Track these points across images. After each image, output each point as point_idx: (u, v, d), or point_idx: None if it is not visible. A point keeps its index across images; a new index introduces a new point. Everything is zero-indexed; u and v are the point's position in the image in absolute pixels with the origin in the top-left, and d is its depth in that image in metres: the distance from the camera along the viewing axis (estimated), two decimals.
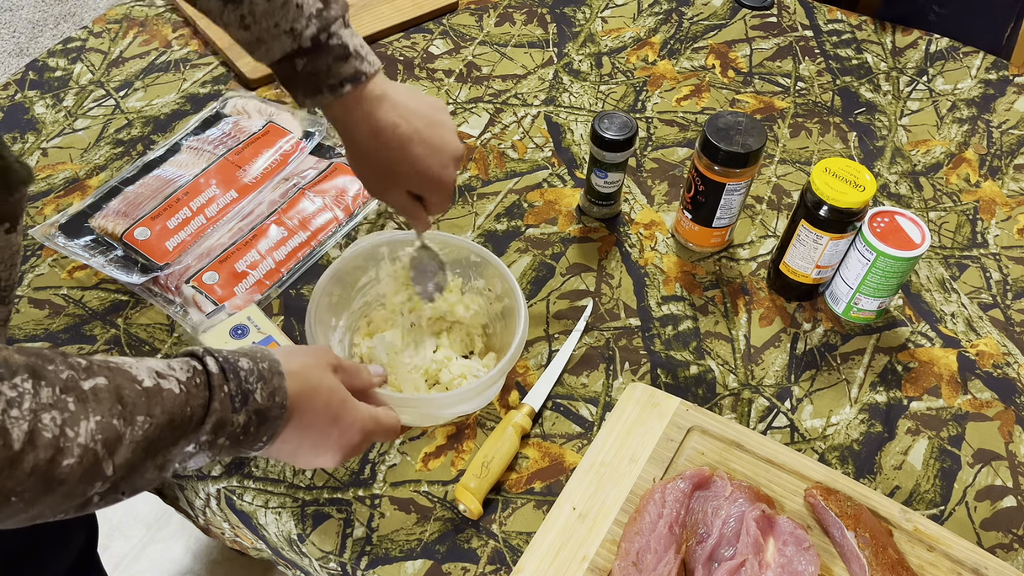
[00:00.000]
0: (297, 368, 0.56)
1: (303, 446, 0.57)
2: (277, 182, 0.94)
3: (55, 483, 0.41)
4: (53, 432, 0.40)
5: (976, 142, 1.06)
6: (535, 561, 0.67)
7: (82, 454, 0.41)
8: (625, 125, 0.87)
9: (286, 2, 0.61)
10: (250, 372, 0.51)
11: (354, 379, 0.63)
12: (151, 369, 0.47)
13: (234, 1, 0.61)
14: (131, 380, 0.45)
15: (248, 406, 0.51)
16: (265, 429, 0.52)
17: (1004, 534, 0.73)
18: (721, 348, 0.85)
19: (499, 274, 0.79)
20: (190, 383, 0.48)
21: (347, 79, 0.64)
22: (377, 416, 0.62)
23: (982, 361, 0.85)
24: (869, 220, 0.80)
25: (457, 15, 1.22)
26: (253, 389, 0.51)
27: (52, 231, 0.90)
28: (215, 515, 0.78)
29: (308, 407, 0.56)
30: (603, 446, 0.74)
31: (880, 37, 1.20)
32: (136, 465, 0.45)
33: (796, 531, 0.66)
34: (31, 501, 0.41)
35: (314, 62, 0.63)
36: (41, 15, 2.56)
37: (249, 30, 0.62)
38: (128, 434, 0.44)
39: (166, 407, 0.46)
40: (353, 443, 0.60)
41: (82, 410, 0.42)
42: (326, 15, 0.62)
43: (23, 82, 1.10)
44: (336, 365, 0.61)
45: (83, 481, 0.42)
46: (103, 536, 1.46)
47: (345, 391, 0.60)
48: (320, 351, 0.61)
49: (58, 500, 0.42)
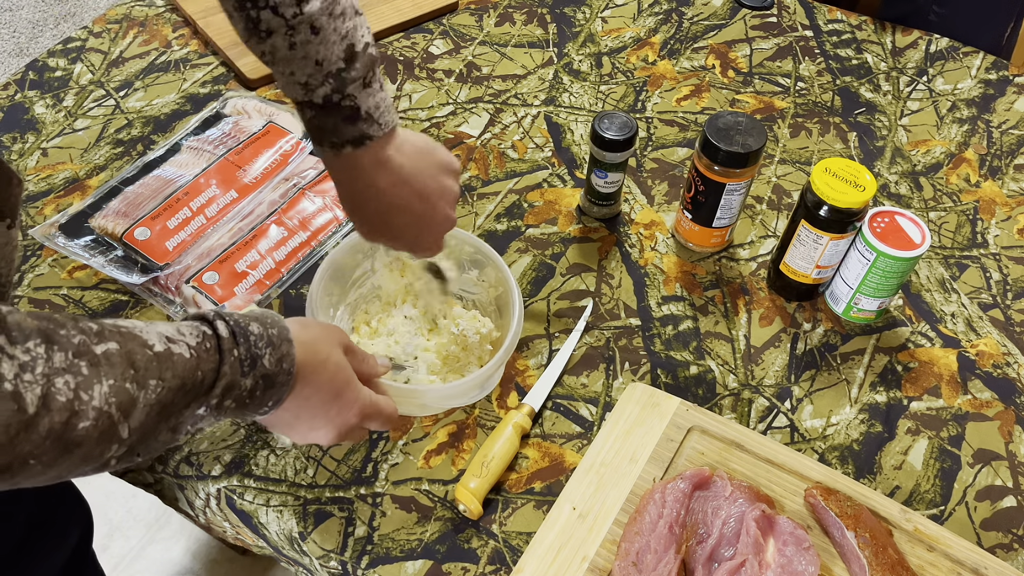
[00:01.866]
0: (308, 338, 0.56)
1: (301, 416, 0.57)
2: (277, 182, 0.94)
3: (72, 445, 0.41)
4: (67, 396, 0.41)
5: (976, 142, 1.06)
6: (535, 561, 0.67)
7: (97, 417, 0.42)
8: (625, 125, 0.87)
9: (306, 56, 0.59)
10: (260, 337, 0.52)
11: (361, 364, 0.63)
12: (161, 334, 0.47)
13: (259, 37, 0.59)
14: (142, 345, 0.45)
15: (256, 370, 0.51)
16: (271, 394, 0.53)
17: (1004, 534, 0.73)
18: (721, 348, 0.85)
19: (492, 263, 0.80)
20: (200, 347, 0.48)
21: (349, 141, 0.62)
22: (377, 402, 0.63)
23: (982, 361, 0.85)
24: (869, 220, 0.80)
25: (457, 15, 1.22)
26: (262, 354, 0.51)
27: (52, 231, 0.90)
28: (215, 515, 0.78)
29: (313, 378, 0.56)
30: (603, 446, 0.74)
31: (880, 37, 1.20)
32: (150, 428, 0.46)
33: (796, 531, 0.66)
34: (49, 463, 0.41)
35: (321, 118, 0.62)
36: (41, 15, 2.56)
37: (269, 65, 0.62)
38: (142, 397, 0.44)
39: (177, 371, 0.46)
40: (350, 423, 0.61)
41: (95, 374, 0.42)
42: (344, 76, 0.60)
43: (23, 82, 1.10)
44: (347, 346, 0.61)
45: (100, 443, 0.43)
46: (103, 536, 1.47)
47: (351, 371, 0.60)
48: (333, 329, 0.61)
49: (76, 462, 0.43)
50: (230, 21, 0.61)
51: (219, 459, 0.76)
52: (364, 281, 0.84)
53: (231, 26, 0.62)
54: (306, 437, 0.61)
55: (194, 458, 0.76)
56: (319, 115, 0.62)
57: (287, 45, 0.59)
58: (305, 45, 0.59)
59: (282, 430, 0.60)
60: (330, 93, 0.61)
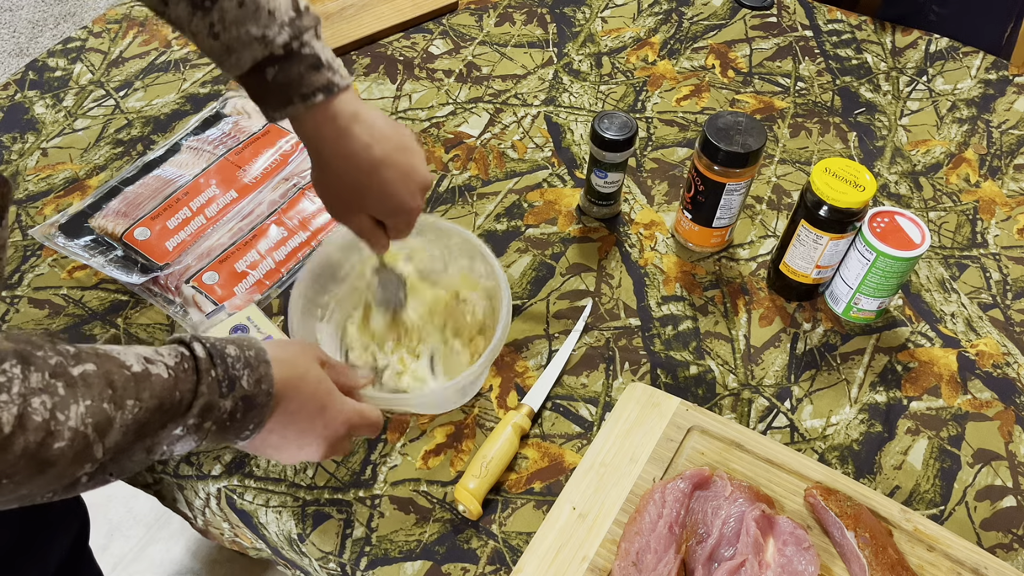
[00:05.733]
0: (285, 357, 0.56)
1: (288, 436, 0.57)
2: (277, 182, 0.94)
3: (46, 465, 0.42)
4: (43, 416, 0.41)
5: (976, 142, 1.06)
6: (535, 561, 0.67)
7: (72, 437, 0.42)
8: (625, 125, 0.87)
9: (258, 8, 0.59)
10: (236, 359, 0.52)
11: (340, 376, 0.63)
12: (139, 355, 0.47)
13: (203, 8, 0.59)
14: (120, 366, 0.46)
15: (235, 392, 0.51)
16: (252, 416, 0.53)
17: (1004, 534, 0.73)
18: (721, 348, 0.85)
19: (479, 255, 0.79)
20: (178, 368, 0.49)
21: (319, 89, 0.61)
22: (362, 410, 0.63)
23: (982, 361, 0.85)
24: (869, 220, 0.80)
25: (457, 15, 1.22)
26: (240, 375, 0.51)
27: (52, 231, 0.90)
28: (215, 515, 0.78)
29: (295, 395, 0.56)
30: (603, 446, 0.74)
31: (880, 37, 1.20)
32: (125, 448, 0.46)
33: (796, 531, 0.66)
34: (21, 482, 0.42)
35: (286, 71, 0.61)
36: (41, 15, 2.57)
37: (218, 39, 0.60)
38: (119, 418, 0.44)
39: (155, 391, 0.46)
40: (338, 435, 0.60)
41: (72, 395, 0.42)
42: (298, 24, 0.60)
43: (23, 82, 1.10)
44: (323, 360, 0.61)
45: (73, 463, 0.43)
46: (103, 536, 1.47)
47: (331, 383, 0.60)
48: (307, 345, 0.61)
49: (47, 481, 0.43)
50: (163, 16, 0.62)
51: (219, 459, 0.76)
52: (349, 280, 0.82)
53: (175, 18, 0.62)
54: (296, 456, 0.60)
55: (194, 458, 0.76)
56: (283, 67, 0.61)
57: (236, 3, 0.59)
58: None
59: (270, 453, 0.59)
60: (289, 40, 0.60)
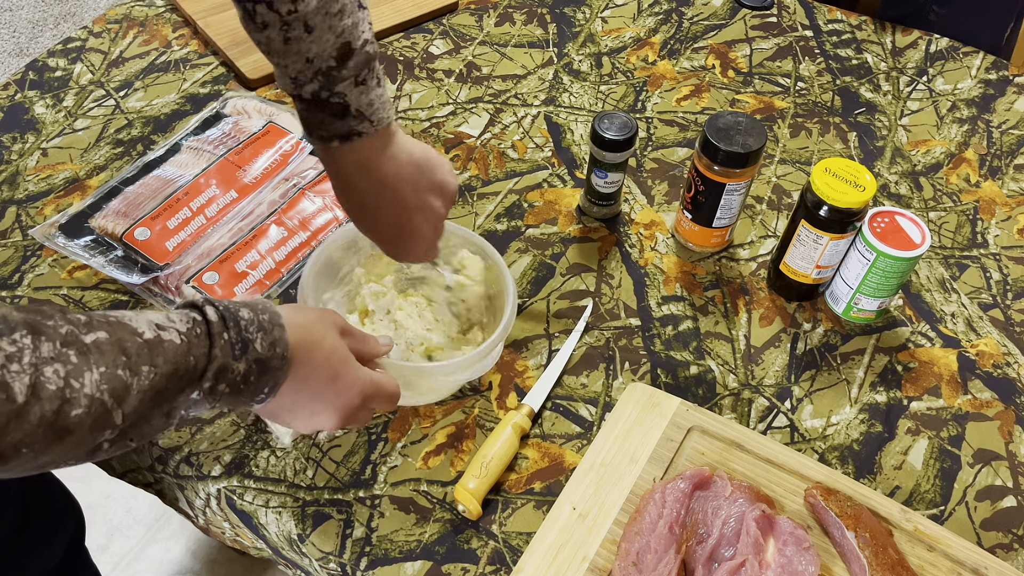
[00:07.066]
0: (301, 321, 0.56)
1: (300, 401, 0.57)
2: (277, 182, 0.94)
3: (64, 433, 0.42)
4: (57, 384, 0.41)
5: (976, 142, 1.06)
6: (535, 561, 0.67)
7: (90, 404, 0.42)
8: (625, 125, 0.87)
9: (298, 52, 0.59)
10: (250, 322, 0.51)
11: (361, 345, 0.63)
12: (151, 322, 0.47)
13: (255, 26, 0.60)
14: (132, 333, 0.46)
15: (248, 355, 0.51)
16: (266, 380, 0.52)
17: (1004, 534, 0.73)
18: (721, 348, 0.85)
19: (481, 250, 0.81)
20: (191, 333, 0.48)
21: (337, 136, 0.63)
22: (378, 381, 0.62)
23: (982, 361, 0.85)
24: (869, 220, 0.80)
25: (457, 15, 1.22)
26: (253, 338, 0.51)
27: (52, 231, 0.90)
28: (215, 515, 0.78)
29: (308, 360, 0.56)
30: (603, 446, 0.74)
31: (880, 37, 1.20)
32: (144, 414, 0.46)
33: (796, 531, 0.66)
34: (41, 450, 0.42)
35: (309, 113, 0.63)
36: (41, 15, 2.57)
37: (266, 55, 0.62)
38: (135, 384, 0.44)
39: (168, 357, 0.46)
40: (352, 405, 0.60)
41: (85, 362, 0.42)
42: (335, 75, 0.60)
43: (23, 82, 1.10)
44: (343, 328, 0.61)
45: (93, 430, 0.43)
46: (103, 536, 1.47)
47: (347, 352, 0.60)
48: (326, 312, 0.61)
49: (67, 448, 0.43)
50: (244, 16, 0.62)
51: (219, 459, 0.76)
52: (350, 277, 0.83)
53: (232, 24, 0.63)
54: (309, 423, 0.60)
55: (194, 458, 0.76)
56: (307, 110, 0.63)
57: (282, 39, 0.59)
58: (298, 41, 0.59)
59: (283, 419, 0.59)
60: (318, 90, 0.61)
